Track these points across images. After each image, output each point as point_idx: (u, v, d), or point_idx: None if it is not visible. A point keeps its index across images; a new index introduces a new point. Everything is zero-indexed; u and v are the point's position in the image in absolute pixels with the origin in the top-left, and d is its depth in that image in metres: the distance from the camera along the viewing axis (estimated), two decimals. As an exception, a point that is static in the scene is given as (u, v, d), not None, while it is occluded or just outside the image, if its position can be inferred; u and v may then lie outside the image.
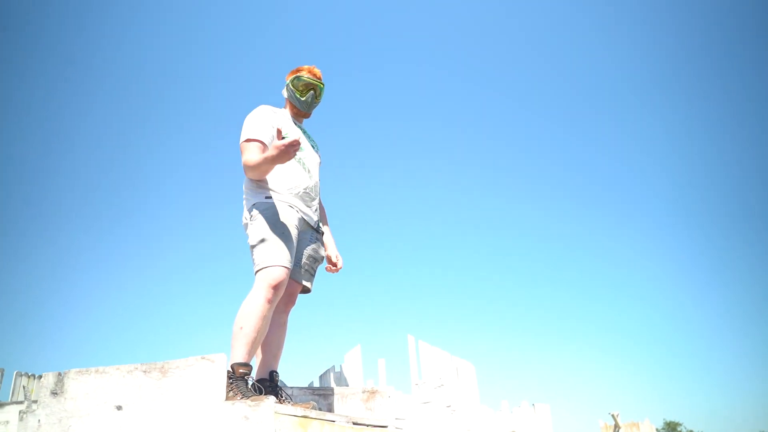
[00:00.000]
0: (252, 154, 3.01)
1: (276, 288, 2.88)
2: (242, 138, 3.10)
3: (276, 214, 3.03)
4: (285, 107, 3.49)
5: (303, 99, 3.40)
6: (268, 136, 3.12)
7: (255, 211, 3.03)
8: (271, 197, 3.07)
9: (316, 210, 3.33)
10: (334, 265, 3.47)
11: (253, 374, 2.89)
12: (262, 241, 2.95)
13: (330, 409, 3.58)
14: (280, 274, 2.92)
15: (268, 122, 3.17)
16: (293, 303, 3.22)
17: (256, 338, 2.77)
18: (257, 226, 3.00)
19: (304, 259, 3.24)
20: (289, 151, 2.85)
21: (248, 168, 3.01)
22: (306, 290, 3.28)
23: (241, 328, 2.75)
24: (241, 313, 2.80)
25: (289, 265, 2.96)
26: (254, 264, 2.97)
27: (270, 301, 2.85)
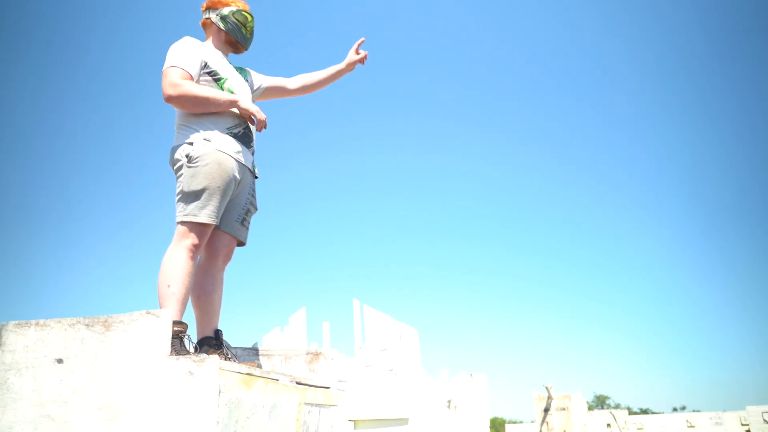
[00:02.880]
0: (176, 78, 2.89)
1: (199, 244, 2.84)
2: (166, 65, 2.95)
3: (216, 162, 2.88)
4: (208, 39, 3.30)
5: (248, 36, 3.31)
6: (195, 69, 2.99)
7: (192, 154, 2.88)
8: (210, 139, 2.92)
9: (254, 152, 3.21)
10: (360, 56, 3.58)
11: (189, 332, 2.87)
12: (196, 191, 2.84)
13: (273, 369, 3.60)
14: (205, 230, 2.87)
15: (196, 54, 3.02)
16: (230, 259, 3.15)
17: (185, 295, 2.73)
18: (193, 174, 2.86)
19: (243, 214, 3.14)
20: (255, 119, 2.92)
21: (178, 95, 2.88)
22: (241, 244, 3.20)
23: (169, 286, 2.69)
24: (165, 271, 2.73)
25: (216, 221, 2.90)
26: (179, 212, 2.86)
27: (193, 258, 2.80)
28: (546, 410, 25.65)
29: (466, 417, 17.46)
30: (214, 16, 3.26)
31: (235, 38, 3.27)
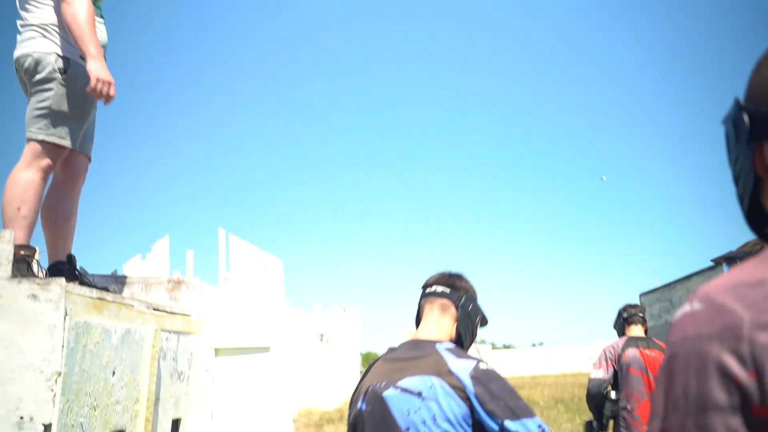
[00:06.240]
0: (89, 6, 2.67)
1: (53, 166, 2.71)
2: None
3: (87, 86, 2.71)
4: None
5: None
6: None
7: (71, 73, 2.71)
8: (85, 59, 2.72)
9: None
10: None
11: (38, 257, 2.74)
12: (67, 113, 2.69)
13: (133, 296, 3.55)
14: (64, 153, 2.75)
15: None
16: (84, 180, 3.00)
17: (34, 219, 2.62)
18: (68, 95, 2.70)
19: (93, 130, 3.01)
20: (105, 91, 2.64)
21: (79, 16, 2.63)
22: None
23: (19, 209, 2.55)
24: (15, 192, 2.56)
25: (74, 146, 2.78)
26: (39, 129, 2.66)
27: (45, 180, 2.68)
28: (415, 344, 26.92)
29: (338, 350, 18.00)
30: None
31: None
